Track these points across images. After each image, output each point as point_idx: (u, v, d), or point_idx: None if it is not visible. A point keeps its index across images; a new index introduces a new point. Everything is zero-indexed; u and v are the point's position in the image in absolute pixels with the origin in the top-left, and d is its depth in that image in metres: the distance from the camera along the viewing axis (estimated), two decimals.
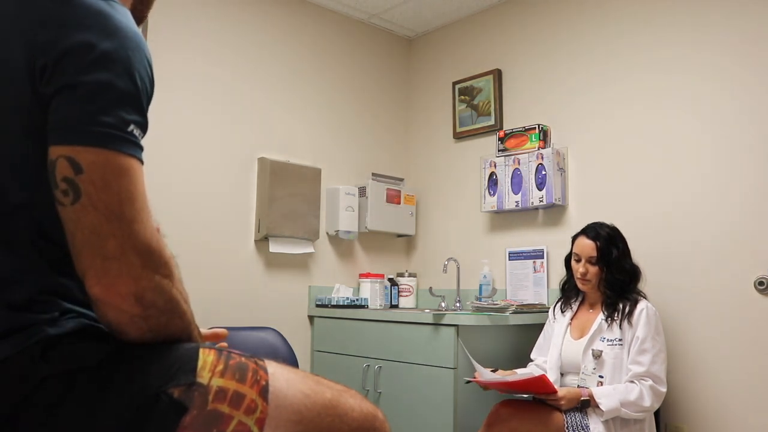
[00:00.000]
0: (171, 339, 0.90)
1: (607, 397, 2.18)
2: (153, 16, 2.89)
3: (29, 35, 0.82)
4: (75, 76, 0.81)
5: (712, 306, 2.52)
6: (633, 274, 2.41)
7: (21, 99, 0.82)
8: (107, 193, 0.80)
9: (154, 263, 0.83)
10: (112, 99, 0.82)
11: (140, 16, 1.04)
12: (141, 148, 0.86)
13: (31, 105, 0.82)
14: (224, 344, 1.06)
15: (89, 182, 0.80)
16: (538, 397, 2.27)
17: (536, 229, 3.18)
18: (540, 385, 2.17)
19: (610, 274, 2.37)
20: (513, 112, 3.36)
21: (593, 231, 2.43)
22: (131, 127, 0.84)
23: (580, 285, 2.46)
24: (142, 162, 0.86)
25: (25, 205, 0.85)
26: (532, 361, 2.58)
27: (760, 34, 2.49)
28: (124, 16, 0.87)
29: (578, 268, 2.43)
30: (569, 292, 2.56)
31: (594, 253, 2.39)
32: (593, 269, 2.39)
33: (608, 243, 2.39)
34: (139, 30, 0.90)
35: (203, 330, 1.06)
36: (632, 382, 2.23)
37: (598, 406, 2.18)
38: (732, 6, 2.57)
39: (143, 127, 0.87)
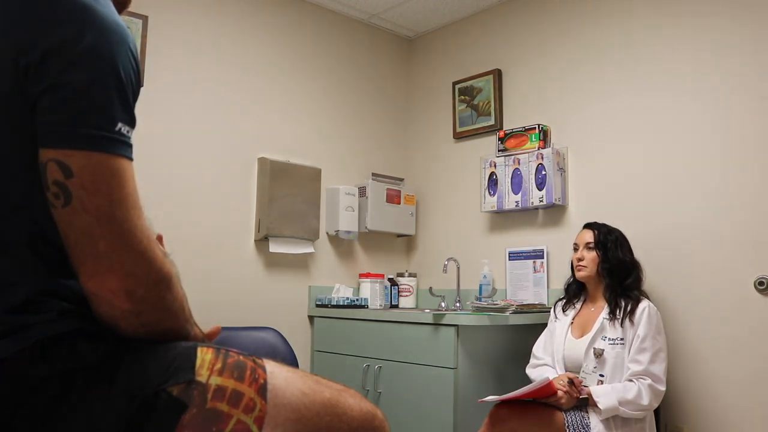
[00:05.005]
0: (166, 335, 0.90)
1: (605, 395, 2.18)
2: (153, 15, 2.91)
3: (11, 35, 0.81)
4: (59, 75, 0.80)
5: (712, 306, 2.52)
6: (631, 265, 2.43)
7: (10, 100, 0.82)
8: (98, 197, 0.80)
9: (145, 260, 0.83)
10: (99, 98, 0.82)
11: (123, 3, 1.02)
12: (130, 146, 0.85)
13: (20, 105, 0.81)
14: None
15: (80, 186, 0.80)
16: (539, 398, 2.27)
17: (536, 229, 3.18)
18: (545, 389, 2.17)
19: (606, 261, 2.42)
20: (513, 112, 3.36)
21: (593, 223, 2.55)
22: (119, 125, 0.83)
23: (577, 274, 2.51)
24: (131, 159, 0.85)
25: (21, 207, 0.84)
26: (538, 359, 2.56)
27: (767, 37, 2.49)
28: (105, 7, 0.86)
29: (575, 256, 2.51)
30: (572, 292, 2.57)
31: (591, 239, 2.47)
32: (590, 255, 2.46)
33: (606, 233, 2.48)
34: (122, 21, 0.88)
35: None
36: (631, 380, 2.23)
37: (596, 405, 2.18)
38: (740, 6, 2.56)
39: (131, 124, 0.86)
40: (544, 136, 3.12)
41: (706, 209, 2.58)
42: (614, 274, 2.41)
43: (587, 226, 2.55)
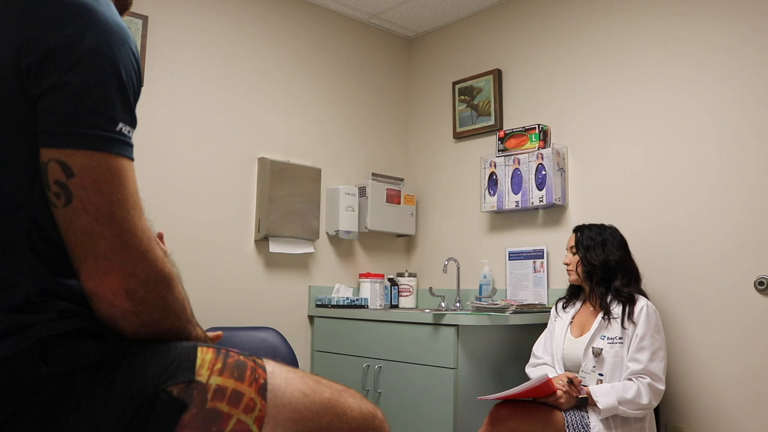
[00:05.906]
0: (166, 335, 0.90)
1: (605, 395, 2.18)
2: (153, 15, 2.91)
3: (12, 35, 0.81)
4: (60, 75, 0.80)
5: (712, 306, 2.52)
6: (616, 264, 2.40)
7: (10, 100, 0.82)
8: (98, 197, 0.80)
9: (146, 261, 0.83)
10: (99, 98, 0.82)
11: (124, 4, 1.02)
12: (131, 146, 0.86)
13: (21, 106, 0.82)
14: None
15: (80, 186, 0.80)
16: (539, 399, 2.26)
17: (536, 229, 3.18)
18: (544, 388, 2.17)
19: (586, 263, 2.44)
20: (513, 112, 3.36)
21: (579, 226, 2.57)
22: (120, 125, 0.83)
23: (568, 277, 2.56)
24: (132, 159, 0.86)
25: (21, 206, 0.84)
26: (538, 359, 2.56)
27: None
28: (107, 8, 0.86)
29: (564, 261, 2.57)
30: (572, 291, 2.59)
31: (573, 243, 2.52)
32: (574, 258, 2.50)
33: (588, 234, 2.50)
34: (123, 21, 0.88)
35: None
36: (630, 379, 2.23)
37: (596, 404, 2.18)
38: (739, 7, 2.56)
39: (132, 124, 0.86)
40: (544, 136, 3.12)
41: (706, 209, 2.58)
42: (594, 275, 2.41)
43: (574, 229, 2.57)
